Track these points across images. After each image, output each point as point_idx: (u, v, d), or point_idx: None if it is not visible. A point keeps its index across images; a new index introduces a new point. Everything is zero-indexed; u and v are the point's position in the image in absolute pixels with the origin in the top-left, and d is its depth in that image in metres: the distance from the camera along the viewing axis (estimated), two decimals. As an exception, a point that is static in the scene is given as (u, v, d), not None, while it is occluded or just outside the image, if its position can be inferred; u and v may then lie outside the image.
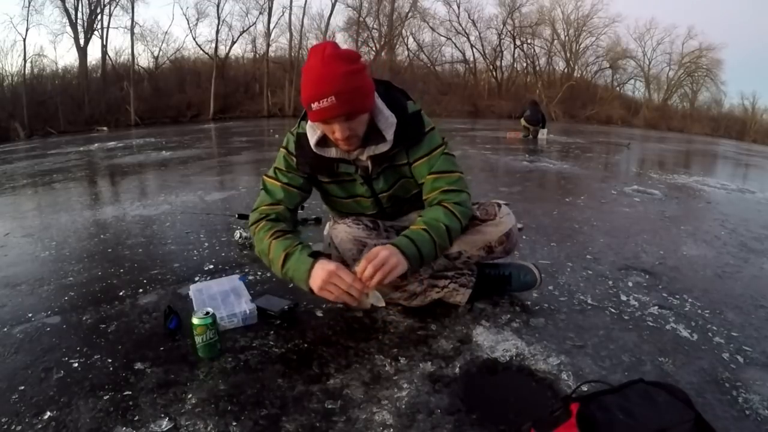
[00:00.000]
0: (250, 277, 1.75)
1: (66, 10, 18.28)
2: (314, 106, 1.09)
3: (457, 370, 1.18)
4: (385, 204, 1.40)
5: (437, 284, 1.44)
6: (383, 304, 1.20)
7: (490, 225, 1.40)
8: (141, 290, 1.66)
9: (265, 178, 1.37)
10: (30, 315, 1.48)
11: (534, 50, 26.55)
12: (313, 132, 1.25)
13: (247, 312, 1.37)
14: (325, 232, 1.56)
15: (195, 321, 1.17)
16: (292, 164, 1.32)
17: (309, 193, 1.39)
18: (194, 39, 27.62)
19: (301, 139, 1.29)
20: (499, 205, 1.43)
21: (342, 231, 1.35)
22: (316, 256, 1.18)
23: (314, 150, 1.25)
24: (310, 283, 1.14)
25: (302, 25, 23.46)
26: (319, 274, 1.12)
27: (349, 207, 1.43)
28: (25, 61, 17.26)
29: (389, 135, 1.22)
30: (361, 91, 1.12)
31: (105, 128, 15.37)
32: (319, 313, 1.46)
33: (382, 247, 1.14)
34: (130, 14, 19.93)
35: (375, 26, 25.36)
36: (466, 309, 1.47)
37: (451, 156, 1.32)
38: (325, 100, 1.07)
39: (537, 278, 1.51)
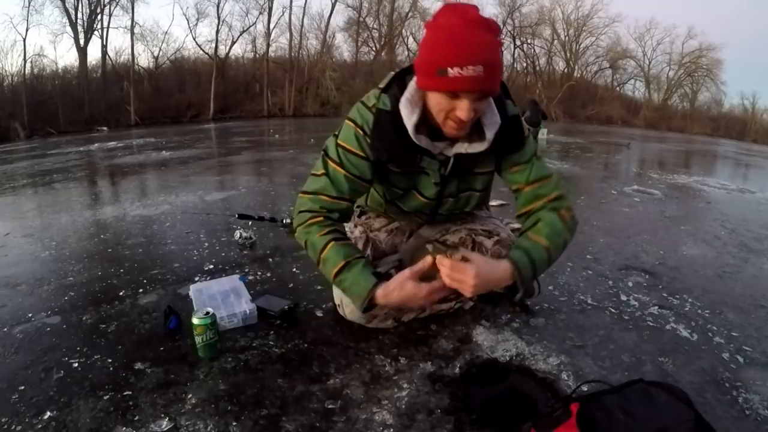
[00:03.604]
0: (250, 277, 1.75)
1: (66, 10, 18.27)
2: (453, 72, 0.88)
3: (457, 370, 1.18)
4: (442, 209, 1.25)
5: (442, 307, 1.41)
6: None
7: None
8: (141, 290, 1.66)
9: (327, 160, 1.12)
10: (30, 315, 1.48)
11: (534, 50, 26.60)
12: (410, 111, 1.01)
13: (247, 312, 1.37)
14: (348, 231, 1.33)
15: (195, 321, 1.17)
16: (365, 147, 1.08)
17: (371, 185, 1.18)
18: (194, 39, 27.61)
19: (383, 117, 1.05)
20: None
21: (352, 304, 1.22)
22: (378, 276, 1.08)
23: (411, 135, 1.02)
24: (382, 301, 1.06)
25: (302, 25, 23.46)
26: (396, 296, 1.04)
27: (400, 200, 1.23)
28: (25, 61, 17.26)
29: (490, 134, 1.04)
30: (501, 70, 0.94)
31: (105, 128, 15.35)
32: (319, 313, 1.46)
33: (499, 267, 1.00)
34: (130, 14, 19.91)
35: (375, 26, 25.39)
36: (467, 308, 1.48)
37: (542, 159, 1.17)
38: (472, 68, 0.87)
39: (535, 290, 1.51)
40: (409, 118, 1.02)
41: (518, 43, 25.90)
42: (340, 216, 1.14)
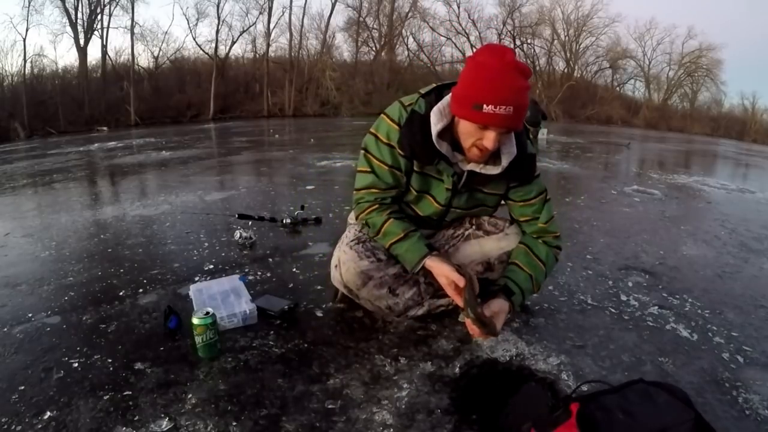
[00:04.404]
0: (250, 277, 1.75)
1: (66, 10, 18.24)
2: (488, 108, 1.02)
3: (457, 370, 1.18)
4: (448, 218, 1.35)
5: (441, 303, 1.40)
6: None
7: (492, 238, 1.34)
8: (141, 290, 1.66)
9: (370, 157, 1.25)
10: (30, 315, 1.48)
11: (534, 50, 26.51)
12: (438, 119, 1.14)
13: (247, 312, 1.37)
14: (350, 219, 1.46)
15: (195, 321, 1.17)
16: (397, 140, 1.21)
17: (410, 177, 1.27)
18: (194, 39, 27.56)
19: (415, 117, 1.17)
20: (512, 222, 1.36)
21: (350, 261, 1.29)
22: (431, 248, 1.22)
23: (434, 139, 1.14)
24: (431, 269, 1.19)
25: (302, 25, 23.41)
26: (438, 270, 1.17)
27: (414, 202, 1.32)
28: (25, 61, 17.22)
29: (505, 162, 1.16)
30: (527, 109, 1.09)
31: (105, 128, 15.34)
32: (319, 313, 1.46)
33: (502, 308, 1.14)
34: (130, 14, 19.85)
35: (375, 26, 25.32)
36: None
37: (550, 200, 1.32)
38: (504, 107, 1.01)
39: None
40: (435, 125, 1.14)
41: (518, 43, 25.89)
42: (392, 200, 1.29)
